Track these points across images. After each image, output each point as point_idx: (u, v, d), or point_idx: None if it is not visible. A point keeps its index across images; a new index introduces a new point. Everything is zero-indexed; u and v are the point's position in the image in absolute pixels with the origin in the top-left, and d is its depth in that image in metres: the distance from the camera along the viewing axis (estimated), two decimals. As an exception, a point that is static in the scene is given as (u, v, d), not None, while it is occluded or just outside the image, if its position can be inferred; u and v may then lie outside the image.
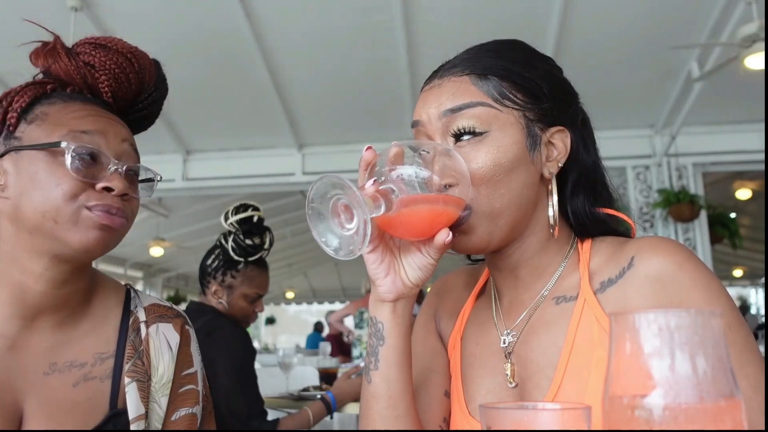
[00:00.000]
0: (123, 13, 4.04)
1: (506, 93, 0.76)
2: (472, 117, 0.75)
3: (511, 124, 0.76)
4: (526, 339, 0.80)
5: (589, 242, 0.82)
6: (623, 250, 0.76)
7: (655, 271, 0.71)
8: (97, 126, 0.84)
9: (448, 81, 0.78)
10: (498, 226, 0.75)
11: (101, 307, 0.90)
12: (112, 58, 0.89)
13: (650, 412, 0.39)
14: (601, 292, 0.75)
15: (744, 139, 5.39)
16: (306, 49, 4.46)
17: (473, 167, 0.74)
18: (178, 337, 0.93)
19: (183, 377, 0.92)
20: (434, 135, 0.78)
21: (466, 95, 0.76)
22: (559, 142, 0.80)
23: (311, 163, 5.94)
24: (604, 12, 4.03)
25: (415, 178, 0.68)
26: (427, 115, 0.78)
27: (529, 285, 0.82)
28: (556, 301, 0.79)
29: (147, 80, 0.94)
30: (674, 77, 4.73)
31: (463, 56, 0.80)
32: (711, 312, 0.41)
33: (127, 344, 0.89)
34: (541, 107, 0.78)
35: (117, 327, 0.90)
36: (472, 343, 0.86)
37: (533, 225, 0.80)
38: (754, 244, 9.99)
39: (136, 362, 0.88)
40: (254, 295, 2.18)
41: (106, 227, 0.81)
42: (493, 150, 0.74)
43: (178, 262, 12.04)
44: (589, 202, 0.82)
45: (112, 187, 0.81)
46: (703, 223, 5.54)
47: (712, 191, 6.60)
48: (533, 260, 0.81)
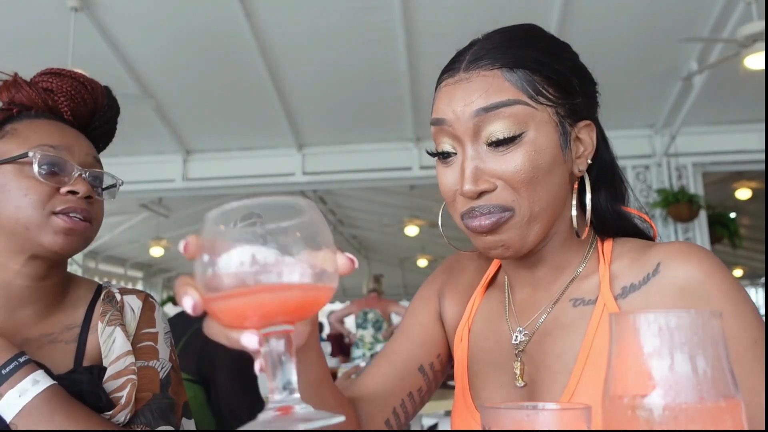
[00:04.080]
0: (123, 13, 4.04)
1: (539, 88, 0.71)
2: (509, 116, 0.69)
3: (546, 122, 0.71)
4: (540, 340, 0.77)
5: (610, 242, 0.78)
6: (648, 254, 0.73)
7: (682, 281, 0.68)
8: (64, 141, 0.94)
9: (477, 75, 0.72)
10: (534, 230, 0.72)
11: (74, 297, 1.01)
12: (68, 83, 0.99)
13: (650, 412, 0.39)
14: (623, 297, 0.73)
15: (744, 139, 5.39)
16: (306, 49, 4.46)
17: (510, 170, 0.69)
18: (140, 303, 1.03)
19: (143, 334, 1.00)
20: (462, 135, 0.71)
21: (501, 92, 0.70)
22: (586, 137, 0.76)
23: (311, 163, 5.94)
24: (603, 12, 4.03)
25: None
26: (454, 114, 0.72)
27: (547, 284, 0.79)
28: (573, 303, 0.76)
29: (100, 101, 1.04)
30: (674, 77, 4.73)
31: (488, 46, 0.74)
32: (711, 312, 0.41)
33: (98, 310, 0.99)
34: (572, 102, 0.74)
35: (86, 307, 1.00)
36: (482, 338, 0.84)
37: (558, 224, 0.76)
38: (754, 244, 9.98)
39: (114, 313, 0.99)
40: None
41: (72, 231, 0.90)
42: (531, 151, 0.70)
43: (178, 262, 12.04)
44: (610, 199, 0.80)
45: (76, 190, 0.91)
46: (703, 223, 5.54)
47: (712, 191, 6.60)
48: (553, 259, 0.78)
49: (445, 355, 0.90)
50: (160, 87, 4.87)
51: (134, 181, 5.85)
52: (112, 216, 8.34)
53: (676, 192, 5.32)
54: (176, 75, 4.79)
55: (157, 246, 8.79)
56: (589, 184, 0.76)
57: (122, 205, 7.88)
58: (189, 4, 4.02)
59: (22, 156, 0.90)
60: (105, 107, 1.05)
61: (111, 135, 1.09)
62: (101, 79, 1.09)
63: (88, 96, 1.01)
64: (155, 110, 5.04)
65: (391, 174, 5.96)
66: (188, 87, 4.97)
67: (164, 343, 1.03)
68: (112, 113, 1.07)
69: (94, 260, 10.27)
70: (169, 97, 5.05)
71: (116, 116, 1.09)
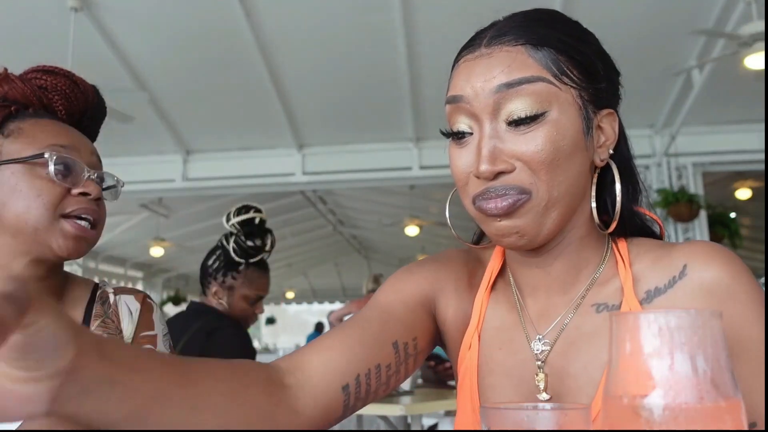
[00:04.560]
0: (123, 13, 4.04)
1: (564, 68, 0.67)
2: (531, 93, 0.65)
3: (569, 104, 0.67)
4: (564, 350, 0.72)
5: (624, 243, 0.75)
6: (670, 255, 0.70)
7: (710, 283, 0.66)
8: (71, 141, 0.94)
9: (499, 51, 0.67)
10: (551, 218, 0.67)
11: (71, 298, 1.00)
12: (62, 81, 0.98)
13: (650, 412, 0.39)
14: (648, 302, 0.70)
15: (744, 139, 5.39)
16: (306, 49, 4.46)
17: (531, 150, 0.65)
18: (138, 304, 1.02)
19: (142, 337, 1.00)
20: (481, 113, 0.67)
21: (524, 68, 0.66)
22: (608, 126, 0.72)
23: (311, 163, 5.95)
24: (603, 12, 4.04)
25: None
26: (473, 90, 0.67)
27: (565, 287, 0.74)
28: (596, 309, 0.72)
29: (91, 100, 1.03)
30: (674, 76, 4.74)
31: (511, 24, 0.70)
32: (711, 312, 0.41)
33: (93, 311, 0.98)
34: (596, 87, 0.70)
35: (84, 307, 0.99)
36: (494, 347, 0.78)
37: (576, 218, 0.72)
38: (754, 244, 9.99)
39: (106, 320, 0.97)
40: (255, 296, 2.18)
41: (80, 237, 0.90)
42: (553, 131, 0.65)
43: (178, 263, 12.04)
44: (628, 196, 0.75)
45: (88, 192, 0.91)
46: (703, 222, 5.55)
47: (712, 191, 6.60)
48: (570, 259, 0.73)
49: (423, 343, 0.80)
50: (160, 87, 4.87)
51: (134, 181, 5.85)
52: (112, 216, 8.32)
53: (676, 192, 5.32)
54: (176, 75, 4.79)
55: (157, 246, 8.78)
56: (617, 173, 0.71)
57: (122, 205, 7.88)
58: (189, 5, 4.02)
59: (36, 156, 0.89)
60: (95, 107, 1.04)
61: (95, 135, 1.08)
62: (101, 78, 1.09)
63: (81, 95, 1.00)
64: (155, 110, 5.05)
65: (391, 174, 5.96)
66: (188, 87, 4.97)
67: (163, 346, 1.03)
68: (101, 114, 1.07)
69: (94, 260, 10.27)
70: (169, 97, 5.05)
71: (104, 117, 1.08)
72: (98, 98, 1.06)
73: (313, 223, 10.18)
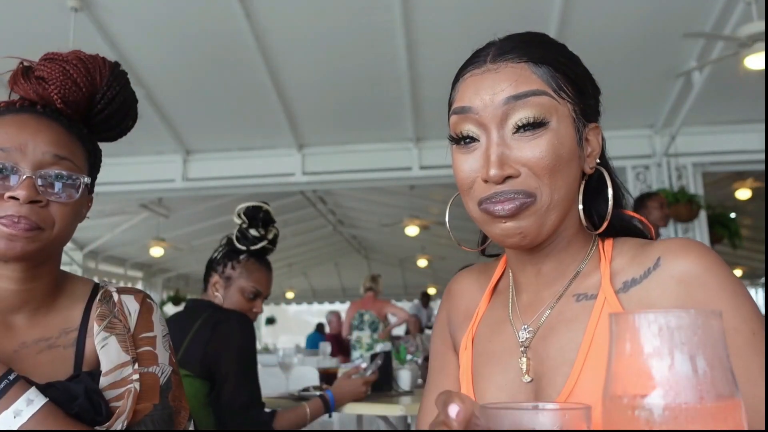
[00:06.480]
0: (123, 13, 4.04)
1: (561, 84, 0.76)
2: (536, 105, 0.73)
3: (566, 116, 0.75)
4: (545, 335, 0.79)
5: (610, 242, 0.81)
6: (648, 250, 0.76)
7: (681, 273, 0.71)
8: (15, 142, 0.90)
9: (505, 66, 0.75)
10: (550, 219, 0.75)
11: (69, 297, 1.00)
12: (58, 68, 0.96)
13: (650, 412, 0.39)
14: (624, 291, 0.75)
15: (744, 139, 5.39)
16: (306, 49, 4.46)
17: (536, 156, 0.72)
18: (137, 305, 1.02)
19: (141, 339, 0.99)
20: (489, 123, 0.74)
21: (529, 82, 0.74)
22: (593, 139, 0.80)
23: (311, 163, 5.94)
24: (603, 12, 4.03)
25: None
26: (482, 102, 0.75)
27: (551, 282, 0.81)
28: (576, 298, 0.78)
29: (98, 81, 0.99)
30: (674, 77, 4.73)
31: (511, 43, 0.78)
32: (711, 312, 0.41)
33: (95, 312, 0.98)
34: (586, 103, 0.79)
35: (83, 309, 0.99)
36: (484, 341, 0.86)
37: (568, 219, 0.79)
38: (754, 244, 9.98)
39: (113, 320, 0.97)
40: (252, 290, 2.16)
41: (14, 236, 0.88)
42: (554, 140, 0.73)
43: (178, 263, 12.04)
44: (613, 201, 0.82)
45: (16, 196, 0.88)
46: (703, 223, 5.54)
47: (712, 191, 6.59)
48: (558, 257, 0.80)
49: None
50: (160, 87, 4.87)
51: (134, 181, 5.85)
52: (112, 216, 8.34)
53: (676, 192, 5.31)
54: (176, 75, 4.79)
55: (157, 246, 8.78)
56: (609, 179, 0.80)
57: (122, 205, 7.89)
58: (189, 5, 4.02)
59: None
60: (104, 87, 0.99)
61: (120, 117, 1.03)
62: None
63: (81, 78, 0.97)
64: (156, 110, 5.05)
65: (391, 174, 5.96)
66: (188, 87, 4.96)
67: (163, 347, 1.02)
68: (113, 93, 1.00)
69: (94, 260, 10.27)
70: (169, 97, 5.05)
71: (122, 93, 1.02)
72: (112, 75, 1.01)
73: (313, 223, 10.18)
